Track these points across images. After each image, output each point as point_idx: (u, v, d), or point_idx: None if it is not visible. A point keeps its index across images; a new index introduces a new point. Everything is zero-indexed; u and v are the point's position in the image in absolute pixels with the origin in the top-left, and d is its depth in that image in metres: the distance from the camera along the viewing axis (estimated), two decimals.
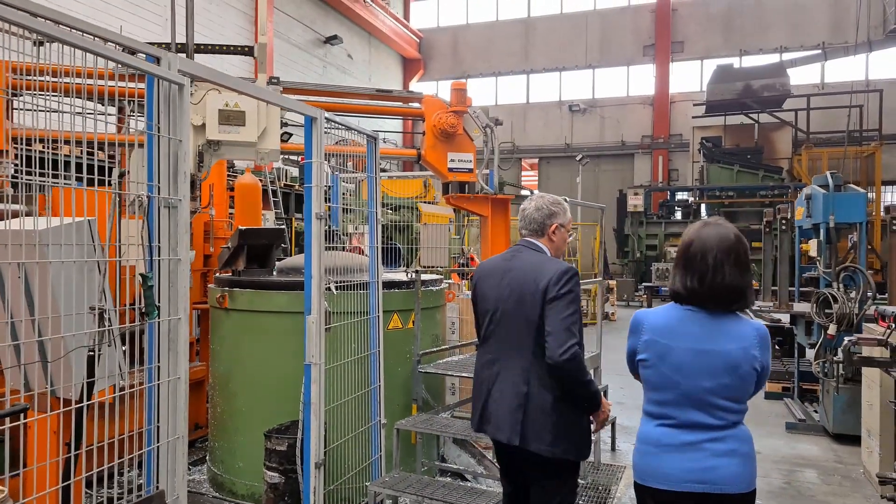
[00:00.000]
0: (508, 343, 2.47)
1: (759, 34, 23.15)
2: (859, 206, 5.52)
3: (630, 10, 24.95)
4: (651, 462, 2.10)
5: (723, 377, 2.02)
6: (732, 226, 2.13)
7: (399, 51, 27.13)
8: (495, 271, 2.59)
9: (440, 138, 5.23)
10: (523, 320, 2.43)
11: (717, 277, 2.03)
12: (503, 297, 2.49)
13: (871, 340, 3.83)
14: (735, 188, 19.38)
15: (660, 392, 2.11)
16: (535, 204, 2.63)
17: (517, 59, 26.74)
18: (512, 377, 2.44)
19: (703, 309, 2.07)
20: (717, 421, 2.04)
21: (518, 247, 2.62)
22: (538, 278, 2.41)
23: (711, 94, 20.63)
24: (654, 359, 2.11)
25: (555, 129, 26.15)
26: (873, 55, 21.72)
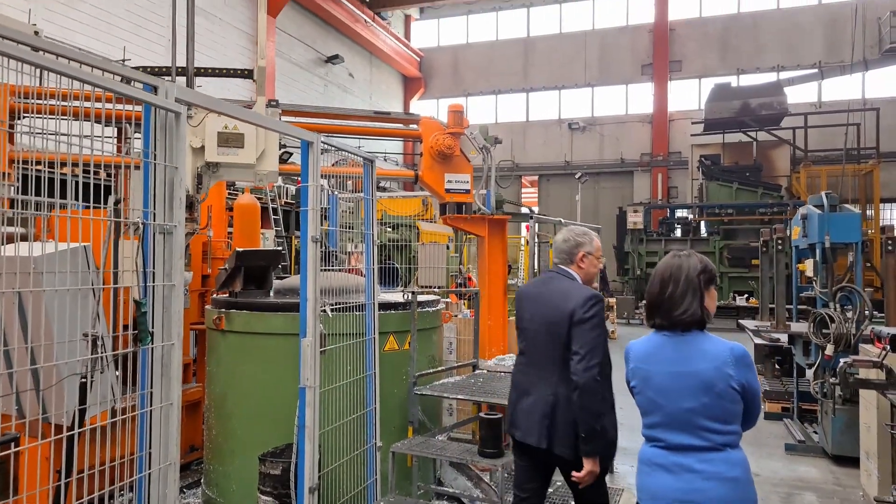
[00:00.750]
0: (539, 358, 2.85)
1: (755, 54, 23.37)
2: (854, 226, 5.54)
3: (628, 29, 25.21)
4: (645, 481, 2.24)
5: (701, 397, 2.12)
6: (695, 258, 2.30)
7: (400, 69, 27.37)
8: (532, 294, 2.99)
9: (437, 159, 5.27)
10: (553, 339, 2.78)
11: (661, 295, 2.25)
12: (536, 317, 2.88)
13: (866, 362, 3.83)
14: (734, 206, 19.43)
15: (649, 416, 2.26)
16: (562, 236, 3.00)
17: (517, 77, 26.97)
18: (541, 389, 2.80)
19: (672, 331, 2.24)
20: (704, 442, 2.13)
21: (552, 273, 2.99)
22: (566, 303, 2.75)
23: (709, 113, 20.78)
24: (640, 385, 2.29)
25: (554, 147, 26.29)
26: (869, 74, 21.88)
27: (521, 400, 2.89)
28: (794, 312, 6.62)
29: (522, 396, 2.89)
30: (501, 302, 5.53)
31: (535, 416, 2.79)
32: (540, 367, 2.85)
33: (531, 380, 2.87)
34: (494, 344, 5.46)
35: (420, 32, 28.76)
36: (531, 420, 2.80)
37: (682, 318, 2.21)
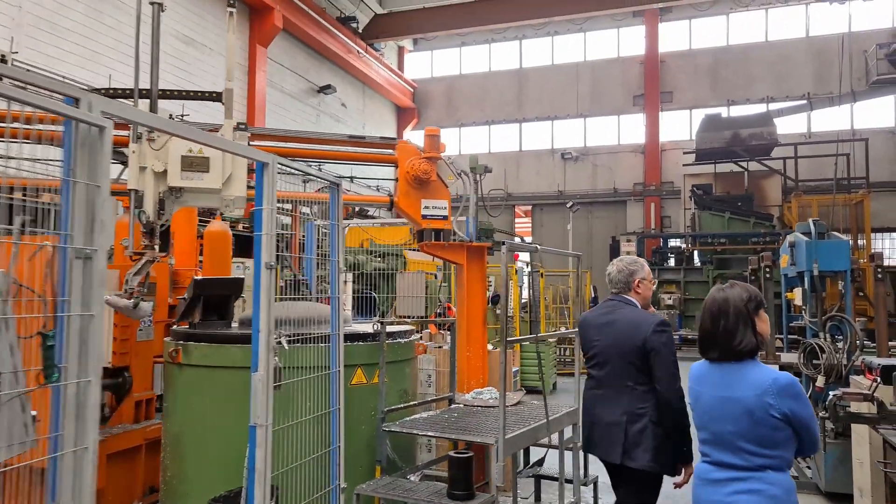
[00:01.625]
0: (612, 381, 3.17)
1: (745, 85, 23.57)
2: (843, 253, 5.39)
3: (619, 61, 25.45)
4: (695, 491, 2.45)
5: (741, 422, 2.27)
6: (737, 288, 2.48)
7: (393, 100, 27.53)
8: (600, 322, 3.29)
9: (413, 185, 5.13)
10: (625, 364, 3.11)
11: (714, 327, 2.42)
12: (607, 343, 3.19)
13: (856, 395, 3.64)
14: (727, 235, 19.36)
15: (700, 432, 2.46)
16: (616, 267, 3.38)
17: (510, 108, 27.12)
18: (615, 409, 3.12)
19: (714, 359, 2.44)
20: (744, 462, 2.28)
21: (614, 302, 3.33)
22: (637, 331, 3.09)
23: (701, 143, 20.84)
24: (693, 403, 2.51)
25: (548, 177, 26.31)
26: (858, 105, 22.04)
27: (598, 420, 3.22)
28: (785, 342, 6.43)
29: (599, 417, 3.22)
30: (481, 332, 5.34)
31: (612, 435, 3.12)
32: (613, 390, 3.16)
33: (605, 402, 3.20)
34: (473, 376, 5.24)
35: (414, 63, 29.01)
36: (609, 439, 3.14)
37: (740, 349, 2.37)
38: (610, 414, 3.16)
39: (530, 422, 4.08)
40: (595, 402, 3.27)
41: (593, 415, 3.27)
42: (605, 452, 3.16)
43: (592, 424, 3.26)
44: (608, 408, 3.17)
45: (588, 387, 3.37)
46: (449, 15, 23.96)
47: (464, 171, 5.33)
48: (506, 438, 3.54)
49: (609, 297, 3.42)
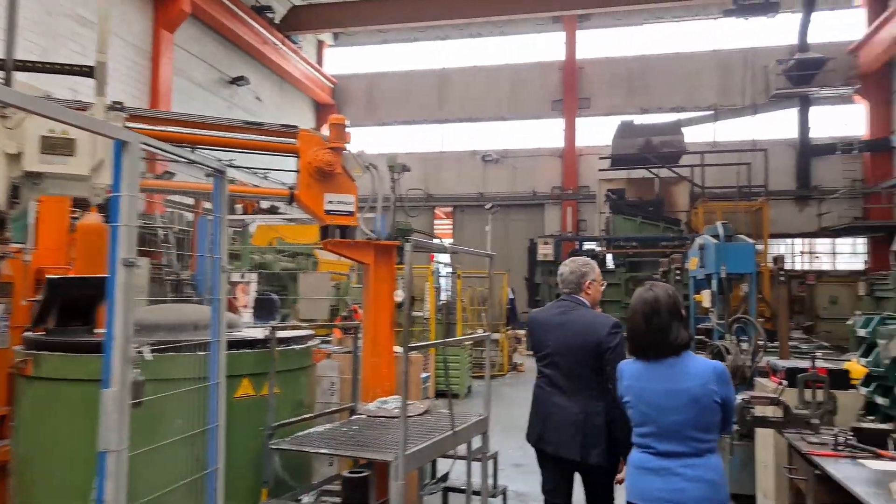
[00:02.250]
0: (565, 380, 3.22)
1: (658, 95, 24.44)
2: (748, 256, 5.46)
3: (540, 66, 25.81)
4: (636, 483, 2.51)
5: (689, 411, 2.40)
6: (661, 287, 2.59)
7: (312, 96, 26.74)
8: (554, 322, 3.33)
9: (316, 177, 4.75)
10: (580, 363, 3.18)
11: (649, 327, 2.53)
12: (563, 342, 3.23)
13: (763, 399, 3.58)
14: (638, 238, 19.94)
15: (642, 427, 2.52)
16: (569, 268, 3.42)
17: (432, 108, 26.95)
18: (571, 407, 3.18)
19: (648, 357, 2.55)
20: (689, 449, 2.42)
21: (567, 302, 3.37)
22: (593, 331, 3.17)
23: (615, 149, 21.41)
24: (634, 400, 2.55)
25: (468, 179, 26.32)
26: (759, 117, 23.34)
27: (551, 417, 3.27)
28: (693, 344, 6.48)
29: (552, 414, 3.27)
30: (388, 337, 5.01)
31: (568, 431, 3.17)
32: (567, 388, 3.21)
33: (558, 399, 3.25)
34: (380, 384, 4.91)
35: (334, 59, 28.32)
36: (564, 435, 3.19)
37: (677, 343, 2.50)
38: (566, 412, 3.20)
39: (436, 433, 3.80)
40: (549, 400, 3.29)
41: (548, 413, 3.29)
42: (562, 450, 3.20)
43: (546, 423, 3.29)
44: (564, 406, 3.22)
45: (540, 385, 3.38)
46: (370, 10, 23.50)
47: (372, 164, 4.99)
48: (406, 454, 3.25)
49: (561, 298, 3.46)
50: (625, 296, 19.36)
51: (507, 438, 7.58)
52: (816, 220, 21.46)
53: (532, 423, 3.44)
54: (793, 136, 22.90)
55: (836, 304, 17.88)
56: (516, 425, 8.29)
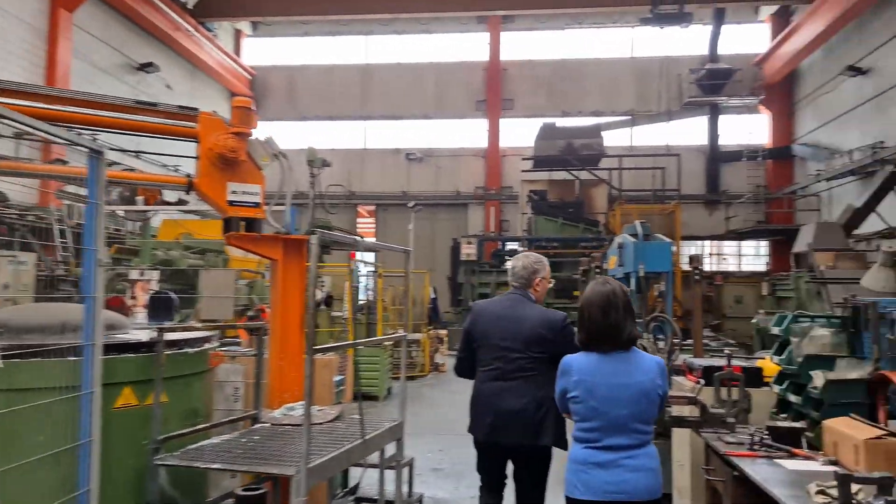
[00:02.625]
0: (515, 370, 3.25)
1: (578, 98, 24.99)
2: (666, 255, 5.48)
3: (464, 66, 25.83)
4: (580, 477, 2.52)
5: (638, 404, 2.50)
6: (615, 283, 2.67)
7: (228, 86, 25.61)
8: (503, 314, 3.36)
9: (218, 164, 4.34)
10: (531, 354, 3.24)
11: (605, 321, 2.57)
12: (515, 335, 3.27)
13: (681, 399, 3.52)
14: (559, 239, 20.27)
15: (589, 421, 2.55)
16: (522, 263, 3.48)
17: (356, 104, 26.44)
18: (525, 395, 3.24)
19: (602, 350, 2.59)
20: (633, 441, 2.51)
21: (517, 296, 3.42)
22: (544, 324, 3.28)
23: (538, 150, 21.70)
24: (583, 395, 2.56)
25: (392, 177, 26.00)
26: (673, 124, 24.30)
27: (504, 408, 3.27)
28: None
29: (505, 405, 3.28)
30: (298, 338, 4.66)
31: (524, 419, 3.24)
32: (521, 380, 3.25)
33: (512, 391, 3.28)
34: (288, 388, 4.55)
35: (252, 49, 27.27)
36: (519, 423, 3.26)
37: (629, 338, 2.59)
38: (519, 402, 3.25)
39: (345, 441, 3.51)
40: (500, 391, 3.30)
41: (499, 405, 3.29)
42: (515, 438, 3.26)
43: (499, 414, 3.29)
44: (516, 396, 3.27)
45: (489, 377, 3.36)
46: (290, 0, 22.72)
47: (281, 152, 4.63)
48: (310, 467, 2.95)
49: (511, 291, 3.50)
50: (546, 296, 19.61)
51: (427, 442, 7.38)
52: (724, 223, 22.55)
53: (479, 415, 3.38)
54: (704, 142, 24.00)
55: (741, 303, 18.80)
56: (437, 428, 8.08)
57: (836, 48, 19.27)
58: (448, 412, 9.27)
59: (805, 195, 21.09)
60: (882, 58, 16.77)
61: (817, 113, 20.63)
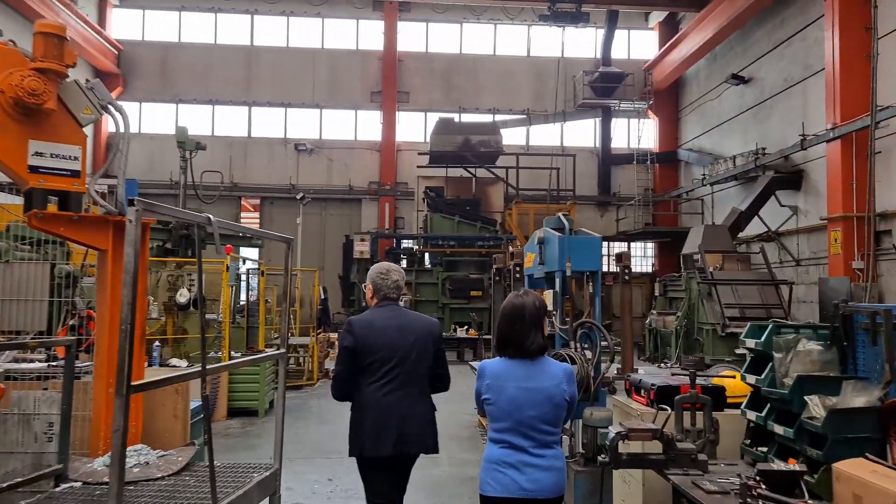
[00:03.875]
0: (409, 379, 3.31)
1: (475, 94, 24.55)
2: (596, 252, 4.78)
3: (358, 54, 24.61)
4: (494, 476, 2.68)
5: (543, 407, 2.67)
6: (531, 296, 2.85)
7: (91, 60, 22.75)
8: (389, 324, 3.35)
9: (13, 113, 3.07)
10: (422, 362, 3.35)
11: (513, 330, 2.75)
12: (407, 345, 3.32)
13: (644, 432, 2.74)
14: (456, 238, 19.63)
15: (500, 422, 2.71)
16: (394, 277, 3.50)
17: (239, 88, 24.43)
18: (419, 404, 3.34)
19: (514, 356, 2.75)
20: (541, 442, 2.67)
21: (394, 306, 3.48)
22: (430, 332, 3.42)
23: (434, 145, 20.96)
24: (494, 397, 2.72)
25: (279, 168, 24.27)
26: (567, 125, 24.47)
27: (409, 418, 3.25)
28: None
29: (410, 415, 3.25)
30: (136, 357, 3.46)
31: (422, 427, 3.29)
32: (415, 389, 3.31)
33: (409, 401, 3.27)
34: None
35: (120, 22, 24.48)
36: (422, 433, 3.29)
37: (531, 349, 2.72)
38: (417, 412, 3.28)
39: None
40: (399, 403, 3.26)
41: (403, 415, 3.25)
42: (417, 448, 3.29)
43: (406, 425, 3.24)
44: (414, 406, 3.28)
45: (385, 391, 3.27)
46: None
47: (111, 103, 3.41)
48: None
49: (387, 302, 3.46)
50: (441, 295, 18.94)
51: (315, 469, 6.29)
52: (615, 225, 22.95)
53: (382, 429, 3.22)
54: (596, 145, 24.36)
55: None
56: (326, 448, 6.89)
57: (720, 57, 20.07)
58: (339, 428, 8.20)
59: (690, 199, 21.86)
60: (763, 67, 17.55)
61: (702, 119, 21.45)
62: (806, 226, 15.40)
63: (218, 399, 8.63)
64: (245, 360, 2.54)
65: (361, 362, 3.24)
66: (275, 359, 3.01)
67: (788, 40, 16.41)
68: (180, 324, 8.65)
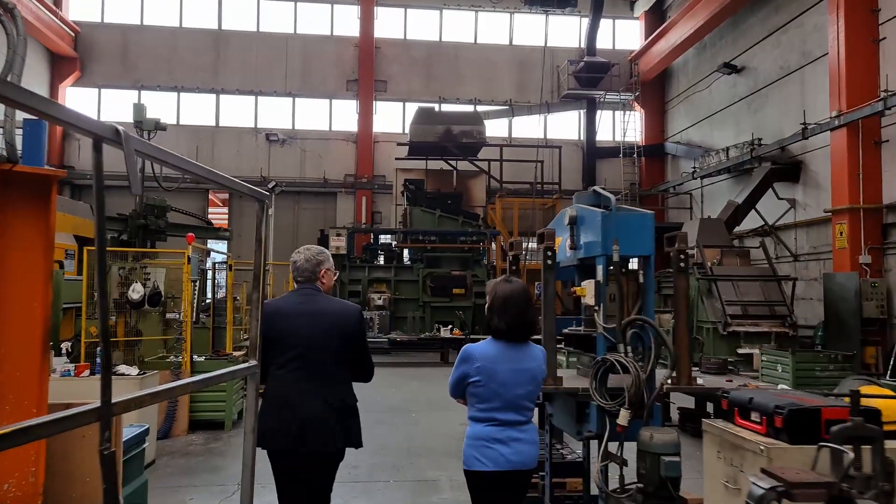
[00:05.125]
0: (319, 368, 3.08)
1: (456, 84, 23.59)
2: (648, 232, 3.84)
3: (333, 40, 23.45)
4: (483, 452, 2.82)
5: (529, 385, 2.89)
6: (517, 281, 3.06)
7: (46, 44, 21.20)
8: (299, 310, 3.15)
9: None
10: (335, 349, 3.12)
11: (525, 316, 2.93)
12: (317, 333, 3.10)
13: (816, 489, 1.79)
14: (438, 232, 18.64)
15: (488, 402, 2.85)
16: (304, 256, 3.29)
17: (206, 74, 23.08)
18: (329, 396, 3.04)
19: (513, 340, 2.92)
20: (524, 417, 2.88)
21: (308, 290, 3.24)
22: (343, 317, 3.18)
23: (414, 135, 19.93)
24: (485, 379, 2.85)
25: (250, 160, 22.99)
26: (551, 117, 23.65)
27: (311, 414, 2.97)
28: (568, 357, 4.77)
29: (312, 410, 2.98)
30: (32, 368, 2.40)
31: (330, 422, 3.00)
32: (325, 379, 3.06)
33: (317, 393, 3.02)
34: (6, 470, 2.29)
35: (78, 2, 22.91)
36: (327, 431, 2.99)
37: (524, 333, 2.95)
38: (325, 404, 3.02)
39: None
40: (303, 395, 3.01)
41: (304, 408, 2.99)
42: (321, 444, 3.00)
43: (307, 418, 2.97)
44: (322, 399, 3.03)
45: (290, 380, 3.04)
46: None
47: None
48: None
49: (301, 287, 3.25)
50: (422, 293, 17.94)
51: None
52: None
53: (281, 422, 2.99)
54: (581, 137, 23.60)
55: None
56: None
57: (710, 46, 19.43)
58: None
59: (678, 193, 21.21)
60: (757, 55, 16.92)
61: (691, 111, 20.80)
62: (805, 219, 14.78)
63: (178, 410, 7.51)
64: (187, 384, 1.55)
65: (269, 349, 3.02)
66: (241, 376, 1.99)
67: (784, 27, 15.79)
68: (134, 324, 7.51)
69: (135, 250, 8.01)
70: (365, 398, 3.47)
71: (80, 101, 22.96)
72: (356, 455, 4.28)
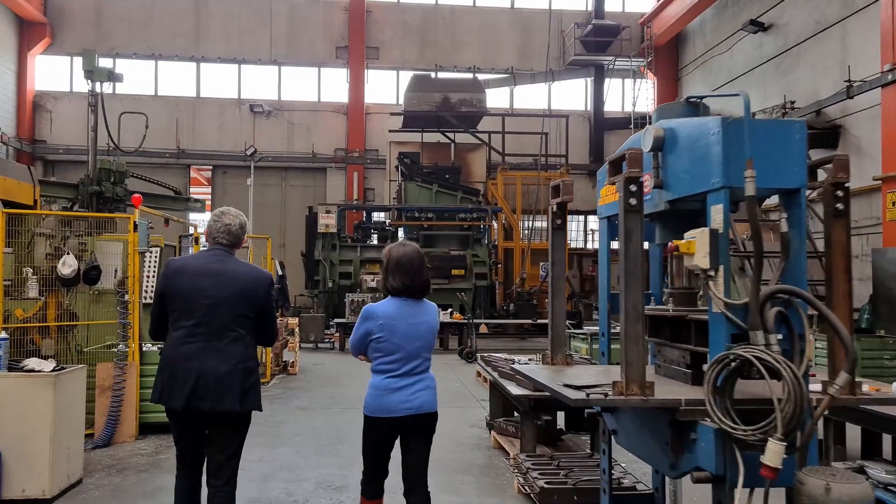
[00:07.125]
0: (219, 329, 3.07)
1: (454, 51, 22.02)
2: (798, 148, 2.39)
3: (321, 3, 21.80)
4: (382, 401, 3.07)
5: (426, 337, 3.18)
6: (411, 244, 3.30)
7: (13, 7, 19.53)
8: (205, 271, 3.12)
9: None
10: (239, 312, 3.10)
11: (420, 277, 3.17)
12: (223, 294, 3.08)
13: None
14: (435, 209, 17.16)
15: (391, 356, 3.10)
16: (239, 221, 3.28)
17: (186, 41, 21.45)
18: (230, 357, 3.05)
19: (411, 298, 3.15)
20: (423, 366, 3.17)
21: (222, 252, 3.22)
22: (254, 282, 3.18)
23: (409, 104, 18.39)
24: (387, 334, 3.09)
25: (233, 133, 21.44)
26: (555, 86, 22.11)
27: (207, 372, 3.01)
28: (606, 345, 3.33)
29: (208, 369, 3.02)
30: None
31: (226, 385, 3.02)
32: (226, 340, 3.05)
33: (215, 353, 3.04)
34: None
35: None
36: (222, 390, 3.01)
37: (421, 291, 3.19)
38: (223, 365, 3.04)
39: None
40: (203, 353, 3.03)
41: (201, 367, 3.01)
42: (214, 404, 3.02)
43: (201, 378, 3.00)
44: (220, 359, 3.04)
45: (189, 339, 3.05)
46: None
47: None
48: None
49: (216, 247, 3.24)
50: None
51: None
52: None
53: (176, 381, 3.01)
54: (588, 107, 22.07)
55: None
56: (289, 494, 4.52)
57: (731, 4, 17.89)
58: (305, 450, 5.76)
59: None
60: (787, 10, 15.40)
61: (708, 76, 19.30)
62: None
63: (123, 411, 6.10)
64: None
65: (170, 307, 3.10)
66: None
67: None
68: (67, 305, 6.06)
69: (62, 213, 6.53)
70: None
71: (50, 69, 21.29)
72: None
